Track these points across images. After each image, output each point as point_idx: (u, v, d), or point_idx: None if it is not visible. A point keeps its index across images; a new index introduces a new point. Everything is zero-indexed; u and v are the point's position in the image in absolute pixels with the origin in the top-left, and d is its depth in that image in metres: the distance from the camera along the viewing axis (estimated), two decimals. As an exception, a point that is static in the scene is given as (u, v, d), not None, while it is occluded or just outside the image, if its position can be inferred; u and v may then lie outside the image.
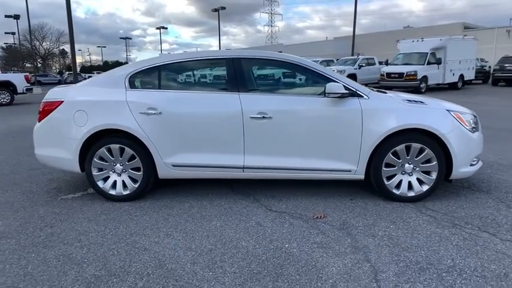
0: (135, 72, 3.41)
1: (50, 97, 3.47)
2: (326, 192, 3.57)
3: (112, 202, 3.44)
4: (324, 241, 2.59)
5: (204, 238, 2.67)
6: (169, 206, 3.32)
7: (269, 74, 3.44)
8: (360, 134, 3.17)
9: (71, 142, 3.35)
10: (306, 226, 2.84)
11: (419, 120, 3.12)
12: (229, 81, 3.32)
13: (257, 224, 2.89)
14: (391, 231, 2.71)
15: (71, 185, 4.01)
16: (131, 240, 2.67)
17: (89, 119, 3.31)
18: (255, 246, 2.53)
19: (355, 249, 2.46)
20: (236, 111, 3.21)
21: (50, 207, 3.37)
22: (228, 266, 2.29)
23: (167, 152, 3.31)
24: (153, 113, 3.26)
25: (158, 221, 2.99)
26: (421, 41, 16.40)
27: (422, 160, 3.21)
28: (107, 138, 3.33)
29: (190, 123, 3.25)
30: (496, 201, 3.27)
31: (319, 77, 3.31)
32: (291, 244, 2.55)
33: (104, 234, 2.77)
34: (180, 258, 2.40)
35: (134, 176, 3.41)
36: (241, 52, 3.41)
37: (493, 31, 34.23)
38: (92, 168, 3.39)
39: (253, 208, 3.23)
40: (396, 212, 3.07)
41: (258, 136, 3.24)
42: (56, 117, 3.40)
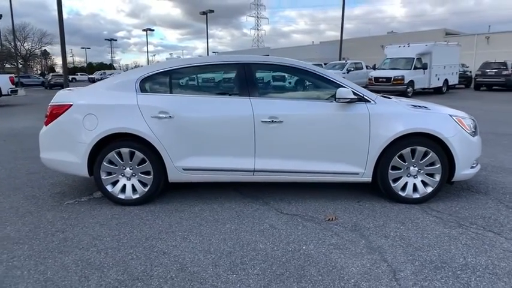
0: (146, 76, 3.42)
1: (58, 100, 3.44)
2: (333, 195, 3.65)
3: (121, 206, 3.42)
4: (340, 242, 2.66)
5: (221, 241, 2.70)
6: (179, 210, 3.33)
7: (279, 79, 3.51)
8: (367, 138, 3.27)
9: (79, 146, 3.33)
10: (320, 228, 2.90)
11: (424, 125, 3.25)
12: (240, 86, 3.37)
13: (271, 227, 2.94)
14: (402, 232, 2.81)
15: (75, 190, 3.96)
16: (148, 244, 2.68)
17: (99, 123, 3.29)
18: (273, 249, 2.58)
19: (370, 250, 2.54)
20: (247, 115, 3.26)
21: (58, 212, 3.33)
22: (250, 268, 2.33)
23: (178, 156, 3.33)
24: (164, 117, 3.27)
25: (172, 225, 3.00)
26: (407, 47, 16.86)
27: (426, 163, 3.33)
28: (117, 142, 3.32)
29: (202, 127, 3.28)
30: (495, 202, 3.43)
31: (328, 83, 3.39)
32: (308, 246, 2.61)
33: (118, 239, 2.76)
34: (201, 261, 2.42)
35: (144, 179, 3.40)
36: (252, 57, 3.46)
37: (473, 37, 35.43)
38: (100, 172, 3.37)
39: (264, 211, 3.28)
40: (403, 213, 3.17)
41: (268, 140, 3.29)
42: (65, 120, 3.37)
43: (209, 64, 3.47)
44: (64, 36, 9.86)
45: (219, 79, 3.66)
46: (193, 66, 3.47)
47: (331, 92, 3.38)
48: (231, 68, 3.46)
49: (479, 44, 35.19)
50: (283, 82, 3.47)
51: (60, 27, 9.83)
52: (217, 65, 3.49)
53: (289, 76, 3.62)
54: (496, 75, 18.22)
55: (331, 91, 3.38)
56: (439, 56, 16.69)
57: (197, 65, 3.47)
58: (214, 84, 3.64)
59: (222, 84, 3.59)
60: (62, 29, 9.85)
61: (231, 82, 3.47)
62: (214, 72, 3.60)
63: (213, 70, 3.56)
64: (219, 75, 3.66)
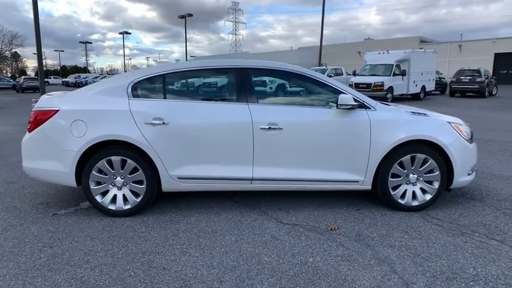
0: (139, 81, 3.25)
1: (43, 105, 3.21)
2: (331, 203, 3.59)
3: (111, 218, 3.22)
4: (346, 253, 2.58)
5: (223, 254, 2.57)
6: (174, 221, 3.17)
7: (277, 84, 3.42)
8: (368, 145, 3.23)
9: (67, 154, 3.11)
10: (323, 239, 2.82)
11: (424, 132, 3.24)
12: (238, 91, 3.26)
13: (273, 238, 2.83)
14: (407, 242, 2.77)
15: (59, 200, 3.71)
16: (145, 259, 2.51)
17: (89, 130, 3.09)
18: (279, 261, 2.47)
19: (378, 261, 2.48)
20: (246, 122, 3.16)
21: (43, 224, 3.09)
22: (258, 283, 2.21)
23: (173, 164, 3.17)
24: (158, 124, 3.11)
25: (168, 237, 2.84)
26: (386, 53, 17.26)
27: (425, 170, 3.33)
28: (107, 149, 3.13)
29: (198, 134, 3.15)
30: (491, 208, 3.46)
31: (327, 89, 3.34)
32: (315, 258, 2.52)
33: (113, 254, 2.58)
34: (204, 277, 2.28)
35: (136, 189, 3.22)
36: (250, 62, 3.36)
37: (447, 45, 36.84)
38: (89, 181, 3.16)
39: (263, 221, 3.17)
40: (405, 222, 3.14)
41: (267, 147, 3.19)
42: (50, 127, 3.14)
43: (204, 68, 3.34)
44: (40, 39, 9.41)
45: (214, 84, 3.53)
46: (188, 71, 3.33)
47: (331, 98, 3.33)
48: (227, 72, 3.35)
49: (452, 51, 36.63)
50: (282, 88, 3.38)
51: (36, 29, 9.40)
52: (213, 69, 3.36)
53: (287, 82, 3.54)
54: (470, 82, 18.93)
55: (331, 97, 3.33)
56: (416, 63, 17.18)
57: (192, 69, 3.33)
58: (210, 89, 3.52)
59: (218, 90, 3.47)
60: (38, 31, 9.41)
61: (227, 87, 3.35)
62: (209, 77, 3.48)
63: (209, 75, 3.43)
64: (214, 80, 3.53)
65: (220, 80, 3.42)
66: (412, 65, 16.89)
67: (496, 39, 34.94)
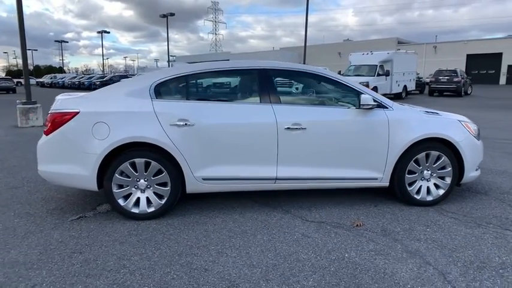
0: (162, 82, 3.23)
1: (61, 107, 3.13)
2: (349, 201, 3.69)
3: (134, 221, 3.18)
4: (378, 248, 2.68)
5: (260, 254, 2.60)
6: (200, 222, 3.17)
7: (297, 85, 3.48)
8: (386, 143, 3.35)
9: (88, 157, 3.05)
10: (352, 235, 2.91)
11: (438, 130, 3.39)
12: (261, 92, 3.29)
13: (304, 236, 2.89)
14: (431, 235, 2.89)
15: (73, 205, 3.62)
16: (183, 261, 2.50)
17: (112, 132, 3.04)
18: (316, 258, 2.53)
19: (410, 254, 2.58)
20: (271, 122, 3.20)
21: (64, 230, 3.01)
22: (304, 280, 2.26)
23: (198, 165, 3.17)
24: (184, 125, 3.10)
25: (200, 239, 2.84)
26: (370, 54, 17.73)
27: (439, 167, 3.48)
28: (130, 152, 3.09)
29: (223, 135, 3.16)
30: (497, 201, 3.66)
31: (347, 89, 3.43)
32: (350, 253, 2.60)
33: (148, 257, 2.55)
34: (249, 276, 2.31)
35: (160, 191, 3.20)
36: (271, 63, 3.40)
37: (423, 46, 38.16)
38: (112, 185, 3.11)
39: (289, 220, 3.22)
40: (423, 216, 3.28)
41: (291, 147, 3.25)
42: (70, 129, 3.07)
43: (227, 70, 3.36)
44: (25, 37, 9.06)
45: (237, 85, 3.55)
46: (210, 72, 3.33)
47: (350, 98, 3.42)
48: (250, 73, 3.38)
49: (428, 52, 38.01)
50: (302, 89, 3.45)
51: (20, 27, 9.07)
52: (236, 70, 3.39)
53: (309, 83, 3.61)
54: (448, 82, 19.73)
55: (351, 97, 3.42)
56: (399, 63, 17.75)
57: (215, 71, 3.34)
58: (233, 90, 3.53)
59: (241, 90, 3.49)
60: (23, 29, 9.09)
61: (250, 88, 3.38)
62: (232, 78, 3.49)
63: (231, 76, 3.45)
64: (236, 81, 3.55)
65: (242, 81, 3.44)
66: (394, 65, 17.44)
67: (467, 41, 36.55)
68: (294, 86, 3.37)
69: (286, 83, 3.39)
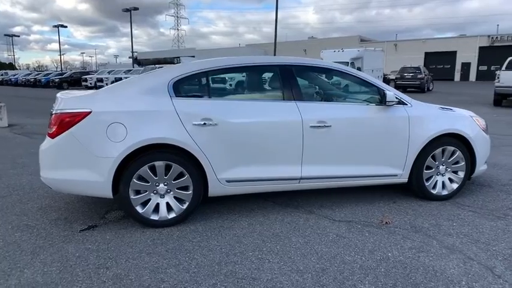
0: (181, 78, 3.00)
1: (70, 107, 2.81)
2: (366, 198, 3.68)
3: (154, 229, 2.95)
4: (416, 245, 2.67)
5: (302, 257, 2.50)
6: (226, 227, 3.00)
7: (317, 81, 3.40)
8: (407, 139, 3.37)
9: (102, 161, 2.77)
10: (385, 233, 2.88)
11: (454, 125, 3.47)
12: (284, 89, 3.17)
13: (339, 237, 2.82)
14: (459, 229, 2.94)
15: (77, 213, 3.29)
16: (226, 270, 2.34)
17: (129, 133, 2.78)
18: (362, 259, 2.47)
19: (449, 250, 2.60)
20: (296, 120, 3.09)
21: (78, 243, 2.72)
22: (359, 283, 2.19)
23: (221, 167, 2.99)
24: (208, 124, 2.91)
25: (232, 245, 2.68)
26: (341, 51, 18.11)
27: (453, 161, 3.56)
28: (150, 154, 2.84)
29: (248, 134, 3.01)
30: (503, 193, 3.82)
31: (368, 86, 3.40)
32: (393, 252, 2.56)
33: (186, 269, 2.36)
34: (301, 283, 2.20)
35: (181, 196, 2.98)
36: (294, 59, 3.29)
37: (384, 44, 39.70)
38: (130, 191, 2.85)
39: (316, 220, 3.13)
40: (444, 210, 3.33)
41: (316, 145, 3.16)
42: (81, 131, 2.77)
43: (248, 65, 3.20)
44: None
45: (260, 82, 3.39)
46: (231, 68, 3.15)
47: (370, 94, 3.40)
48: (272, 69, 3.24)
49: (389, 50, 39.61)
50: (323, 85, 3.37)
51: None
52: (257, 66, 3.23)
53: (329, 79, 3.54)
54: (412, 79, 20.68)
55: (371, 94, 3.40)
56: (368, 60, 18.32)
57: (235, 66, 3.16)
58: (254, 86, 3.36)
59: (264, 87, 3.34)
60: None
61: (273, 85, 3.24)
62: (254, 74, 3.33)
63: (253, 72, 3.29)
64: (260, 78, 3.39)
65: (264, 77, 3.30)
66: (364, 62, 17.96)
67: (425, 40, 38.59)
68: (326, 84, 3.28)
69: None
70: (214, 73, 3.11)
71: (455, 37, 39.25)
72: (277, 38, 25.82)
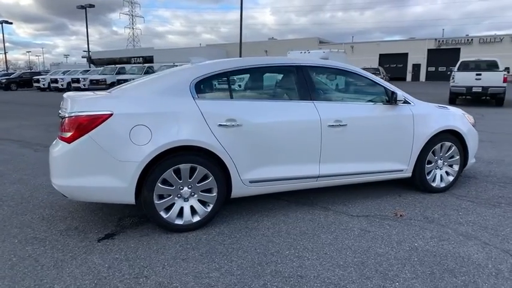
0: (203, 78, 2.95)
1: (88, 109, 2.65)
2: (373, 193, 3.84)
3: (179, 234, 2.87)
4: (436, 235, 2.85)
5: (338, 253, 2.57)
6: (250, 227, 3.00)
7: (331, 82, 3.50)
8: (412, 136, 3.58)
9: (126, 166, 2.65)
10: (403, 225, 3.04)
11: (451, 122, 3.74)
12: (302, 89, 3.23)
13: (364, 231, 2.93)
14: (466, 217, 3.19)
15: (86, 221, 3.10)
16: (270, 270, 2.34)
17: (154, 136, 2.68)
18: (393, 251, 2.59)
19: (465, 237, 2.81)
20: (315, 119, 3.16)
21: (103, 253, 2.57)
22: (401, 273, 2.30)
23: (245, 168, 2.99)
24: (233, 125, 2.89)
25: (265, 245, 2.69)
26: (308, 53, 18.53)
27: (449, 156, 3.84)
28: (174, 157, 2.76)
29: (270, 135, 3.03)
30: (490, 183, 4.17)
31: (376, 86, 3.57)
32: (418, 243, 2.72)
33: (229, 272, 2.33)
34: (347, 277, 2.26)
35: (205, 198, 2.93)
36: (310, 60, 3.36)
37: (341, 46, 41.27)
38: (154, 195, 2.75)
39: (335, 216, 3.23)
40: (446, 202, 3.58)
41: (333, 144, 3.26)
42: (102, 135, 2.62)
43: (268, 66, 3.21)
44: None
45: (277, 82, 3.41)
46: (252, 68, 3.15)
47: (380, 94, 3.56)
48: (290, 70, 3.28)
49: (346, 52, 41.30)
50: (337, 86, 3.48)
51: None
52: (276, 67, 3.26)
53: (344, 80, 3.64)
54: (372, 79, 21.73)
55: (379, 94, 3.56)
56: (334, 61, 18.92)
57: (256, 67, 3.17)
58: (273, 87, 3.37)
59: (282, 88, 3.35)
60: None
61: (291, 85, 3.27)
62: (272, 74, 3.34)
63: (271, 72, 3.30)
64: (276, 78, 3.40)
65: (282, 78, 3.32)
66: (329, 63, 18.54)
67: (379, 42, 40.70)
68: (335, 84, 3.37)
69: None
70: (235, 73, 3.08)
71: (406, 40, 41.95)
72: (235, 38, 25.88)
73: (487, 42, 37.82)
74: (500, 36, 37.72)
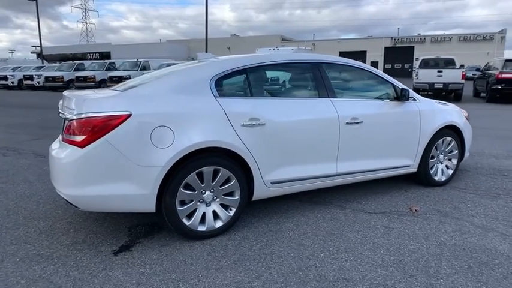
0: (221, 76, 2.77)
1: (102, 109, 2.38)
2: (380, 189, 3.88)
3: (201, 241, 2.69)
4: (455, 228, 2.92)
5: (372, 252, 2.54)
6: (273, 230, 2.89)
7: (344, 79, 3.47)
8: (418, 132, 3.65)
9: (147, 171, 2.42)
10: (422, 219, 3.09)
11: (452, 118, 3.87)
12: (319, 87, 3.16)
13: (387, 228, 2.93)
14: (476, 209, 3.31)
15: (93, 233, 2.82)
16: (313, 275, 2.25)
17: (177, 138, 2.48)
18: (424, 246, 2.61)
19: (484, 229, 2.90)
20: (333, 117, 3.11)
21: (124, 268, 2.34)
22: (441, 269, 2.31)
23: (267, 169, 2.87)
24: (256, 124, 2.75)
25: (297, 248, 2.59)
26: (277, 50, 18.61)
27: (449, 150, 3.98)
28: (197, 160, 2.57)
29: (292, 134, 2.93)
30: (482, 175, 4.39)
31: (385, 83, 3.58)
32: (444, 237, 2.77)
33: (271, 279, 2.21)
34: (390, 276, 2.24)
35: (227, 202, 2.77)
36: (327, 57, 3.29)
37: (303, 43, 42.01)
38: (176, 201, 2.55)
39: (354, 214, 3.21)
40: (450, 195, 3.70)
41: (349, 141, 3.23)
42: (120, 138, 2.37)
43: (287, 62, 3.10)
44: None
45: (294, 79, 3.28)
46: (271, 64, 3.02)
47: (389, 92, 3.58)
48: (307, 67, 3.18)
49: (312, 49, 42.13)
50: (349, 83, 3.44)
51: None
52: (295, 63, 3.15)
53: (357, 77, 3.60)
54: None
55: (390, 91, 3.58)
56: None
57: (275, 63, 3.04)
58: (292, 84, 3.25)
59: (299, 85, 3.24)
60: None
61: (308, 82, 3.18)
62: (289, 71, 3.21)
63: (290, 69, 3.18)
64: (295, 75, 3.28)
65: (299, 75, 3.21)
66: (298, 60, 18.77)
67: (340, 40, 41.94)
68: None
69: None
70: (253, 70, 2.94)
71: (364, 38, 43.67)
72: (193, 34, 25.44)
73: (438, 41, 40.44)
74: (450, 35, 40.52)
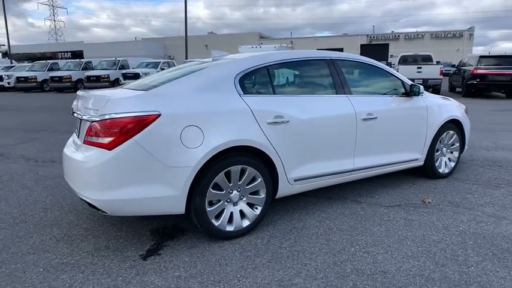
0: (245, 73, 2.74)
1: (131, 109, 2.30)
2: (387, 183, 3.98)
3: (228, 241, 2.66)
4: (470, 218, 3.04)
5: (399, 244, 2.60)
6: (298, 227, 2.90)
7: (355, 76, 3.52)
8: (426, 126, 3.77)
9: (178, 172, 2.37)
10: (437, 210, 3.19)
11: (455, 113, 4.02)
12: (337, 83, 3.19)
13: (408, 220, 3.01)
14: (483, 199, 3.45)
15: (114, 238, 2.73)
16: (350, 269, 2.28)
17: (206, 137, 2.44)
18: (447, 236, 2.71)
19: (496, 218, 3.04)
20: (351, 113, 3.16)
21: (158, 273, 2.28)
22: (468, 257, 2.40)
23: (291, 166, 2.87)
24: (280, 122, 2.74)
25: (327, 244, 2.62)
26: (259, 47, 18.63)
27: (452, 143, 4.13)
28: (225, 159, 2.54)
29: (315, 130, 2.95)
30: (479, 167, 4.59)
31: (395, 80, 3.67)
32: (462, 227, 2.87)
33: (310, 276, 2.23)
34: (423, 267, 2.30)
35: (253, 201, 2.76)
36: (343, 54, 3.34)
37: (281, 41, 42.25)
38: (206, 202, 2.51)
39: (372, 208, 3.27)
40: (456, 186, 3.85)
41: (365, 137, 3.29)
42: (149, 138, 2.30)
43: (306, 59, 3.12)
44: None
45: (312, 76, 3.29)
46: (289, 62, 3.02)
47: (399, 87, 3.67)
48: (325, 64, 3.21)
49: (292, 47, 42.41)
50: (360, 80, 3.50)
51: None
52: (314, 60, 3.16)
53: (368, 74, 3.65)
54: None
55: (399, 87, 3.67)
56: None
57: (295, 60, 3.06)
58: (310, 81, 3.24)
59: (317, 82, 3.24)
60: None
61: (326, 79, 3.20)
62: (308, 68, 3.21)
63: (309, 66, 3.17)
64: (313, 72, 3.28)
65: (317, 72, 3.22)
66: (280, 58, 18.87)
67: (316, 38, 42.47)
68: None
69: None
70: (275, 67, 2.93)
71: (341, 36, 44.44)
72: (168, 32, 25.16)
73: (411, 39, 41.78)
74: (422, 33, 41.95)
